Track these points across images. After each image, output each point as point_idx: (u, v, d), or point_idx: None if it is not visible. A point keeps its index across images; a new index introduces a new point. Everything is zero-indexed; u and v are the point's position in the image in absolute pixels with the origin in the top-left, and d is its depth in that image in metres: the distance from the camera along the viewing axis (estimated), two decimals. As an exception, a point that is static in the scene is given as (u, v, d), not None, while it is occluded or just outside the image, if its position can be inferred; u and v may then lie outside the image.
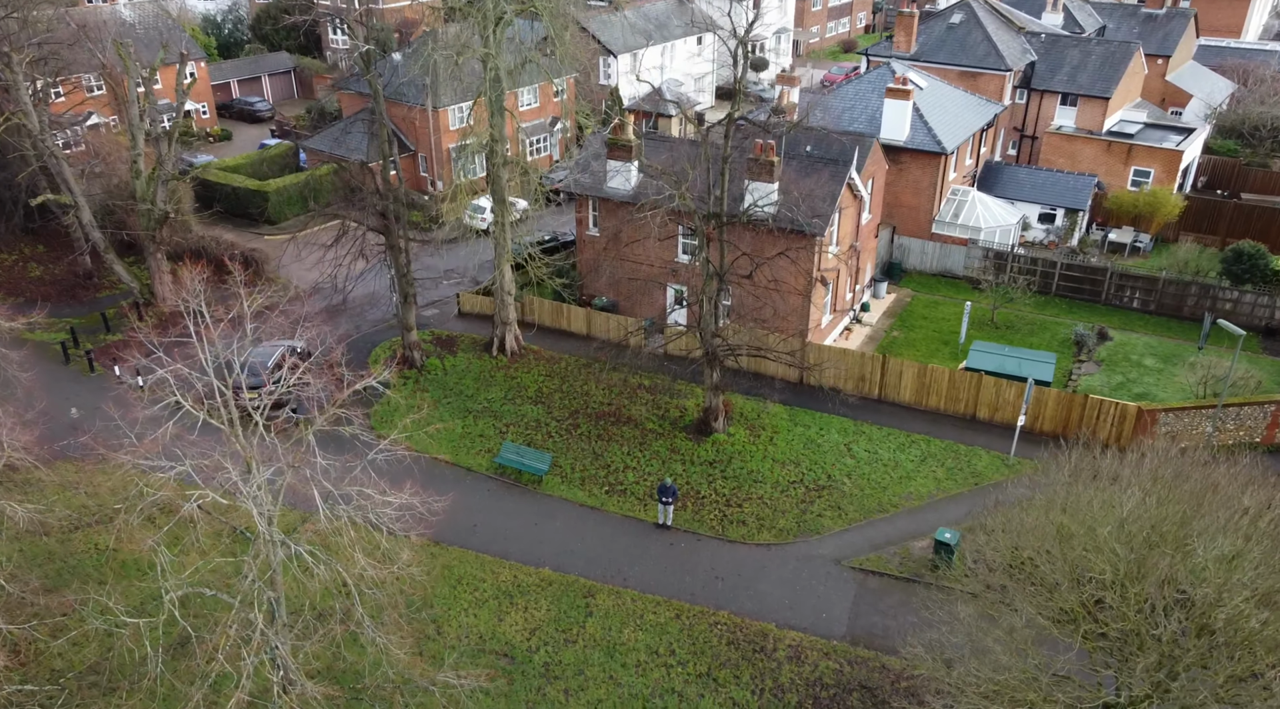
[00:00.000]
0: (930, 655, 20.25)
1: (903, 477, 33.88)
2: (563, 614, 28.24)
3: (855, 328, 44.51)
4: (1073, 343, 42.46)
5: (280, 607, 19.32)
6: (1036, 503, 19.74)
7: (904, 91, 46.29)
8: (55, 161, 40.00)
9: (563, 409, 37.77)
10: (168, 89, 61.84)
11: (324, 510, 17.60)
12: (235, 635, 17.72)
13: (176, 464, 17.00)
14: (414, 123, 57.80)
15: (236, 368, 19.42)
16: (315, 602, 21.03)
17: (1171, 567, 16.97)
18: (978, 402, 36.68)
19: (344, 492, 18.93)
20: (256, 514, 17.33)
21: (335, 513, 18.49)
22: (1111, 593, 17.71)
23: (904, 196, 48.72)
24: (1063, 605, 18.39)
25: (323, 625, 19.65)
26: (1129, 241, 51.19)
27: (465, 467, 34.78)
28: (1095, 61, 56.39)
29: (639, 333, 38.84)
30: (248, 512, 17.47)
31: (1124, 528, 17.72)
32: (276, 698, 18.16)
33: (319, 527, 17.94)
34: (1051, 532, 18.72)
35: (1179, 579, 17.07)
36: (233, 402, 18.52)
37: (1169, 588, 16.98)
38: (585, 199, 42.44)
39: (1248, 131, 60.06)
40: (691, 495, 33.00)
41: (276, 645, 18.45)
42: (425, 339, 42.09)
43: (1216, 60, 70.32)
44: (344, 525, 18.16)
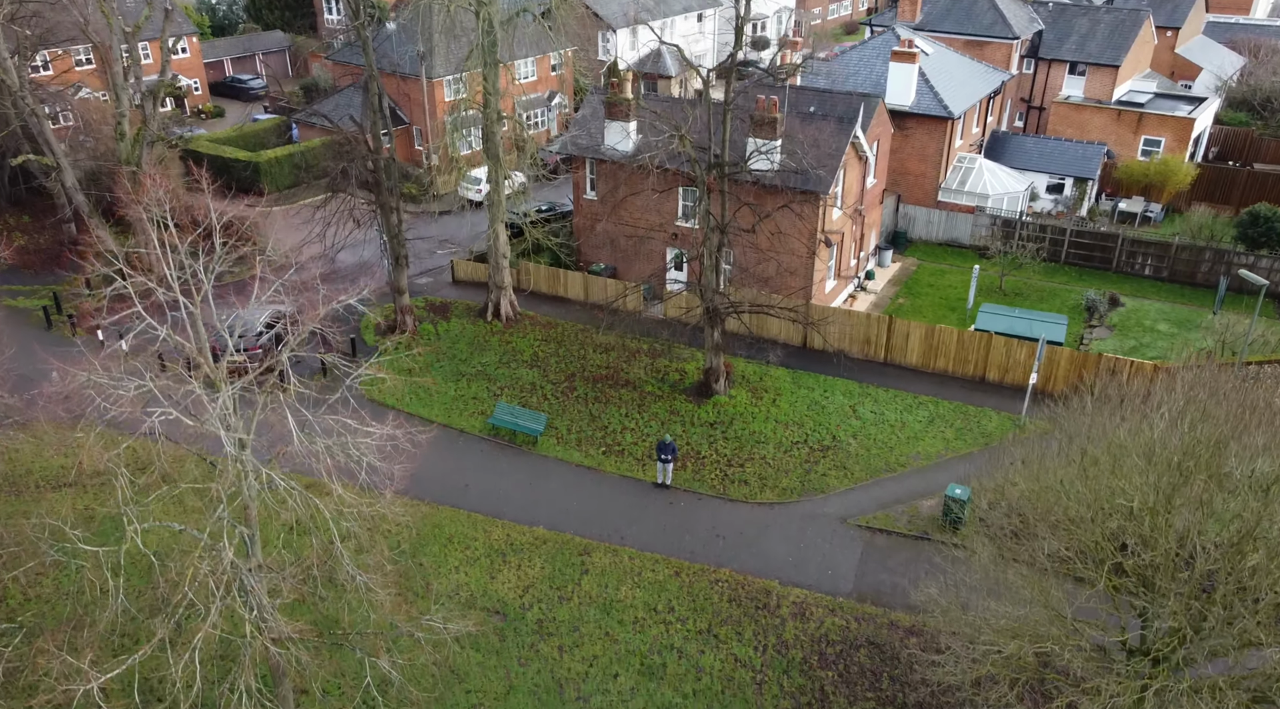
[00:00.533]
0: (945, 597, 19.08)
1: (910, 437, 32.71)
2: (557, 572, 27.09)
3: (859, 295, 43.35)
4: (1084, 309, 41.29)
5: (255, 545, 18.17)
6: (1057, 438, 18.55)
7: (909, 54, 45.14)
8: (36, 120, 38.86)
9: (559, 373, 36.62)
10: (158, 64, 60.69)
11: (299, 435, 16.44)
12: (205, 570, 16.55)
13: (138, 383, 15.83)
14: (409, 95, 56.66)
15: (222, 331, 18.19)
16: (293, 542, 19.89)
17: (1206, 491, 15.79)
18: (987, 363, 35.50)
19: (321, 420, 17.78)
20: (225, 436, 16.17)
21: (311, 441, 17.33)
22: (1138, 524, 16.55)
23: (910, 164, 47.55)
24: (1086, 539, 17.22)
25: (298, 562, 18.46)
26: (1139, 211, 49.99)
27: (458, 428, 33.63)
28: (1104, 29, 55.23)
29: (635, 292, 37.68)
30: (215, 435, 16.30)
31: (1153, 453, 16.53)
32: (250, 639, 17.00)
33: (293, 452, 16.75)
34: (1074, 462, 17.55)
35: (1213, 505, 15.89)
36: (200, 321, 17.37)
37: (1203, 514, 15.80)
38: (582, 161, 41.28)
39: (1259, 103, 58.91)
40: (692, 456, 31.84)
41: (250, 585, 17.29)
42: (418, 305, 40.97)
43: (1226, 36, 69.14)
44: (320, 452, 16.98)
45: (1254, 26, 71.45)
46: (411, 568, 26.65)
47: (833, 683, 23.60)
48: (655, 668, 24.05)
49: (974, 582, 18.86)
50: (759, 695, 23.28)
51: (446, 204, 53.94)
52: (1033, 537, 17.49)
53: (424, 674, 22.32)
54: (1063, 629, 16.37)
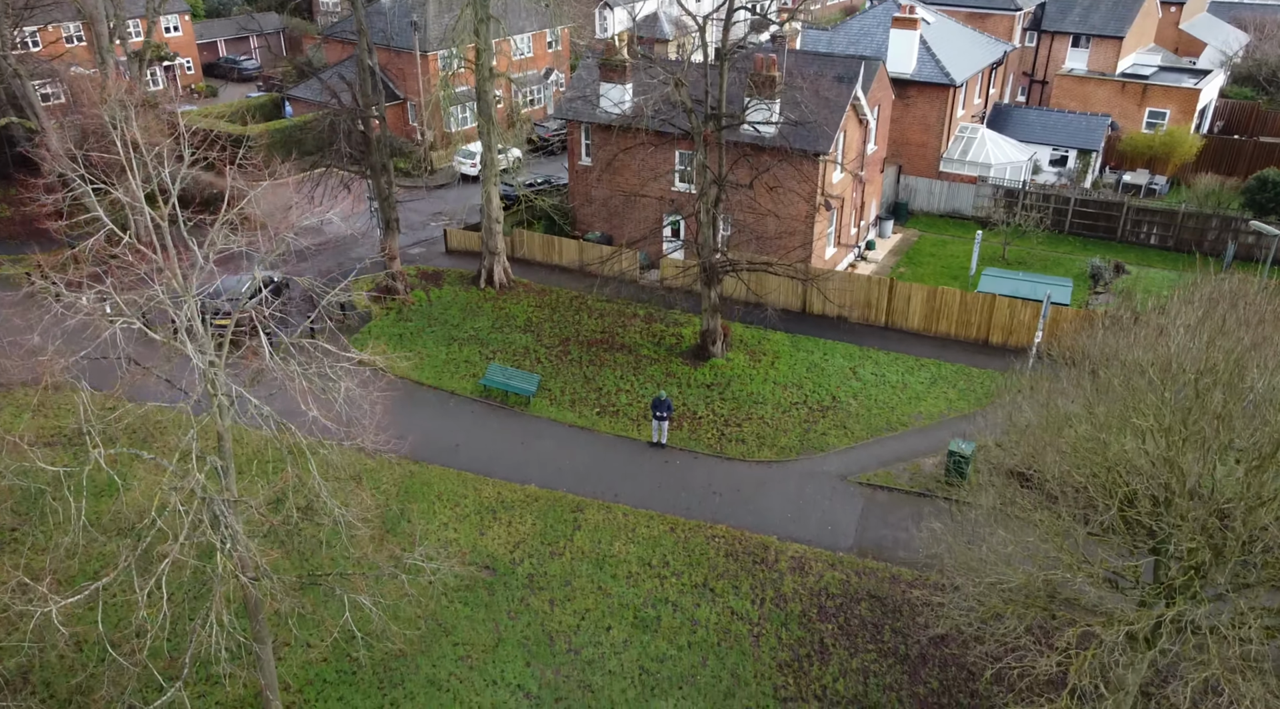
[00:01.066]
0: (951, 534, 18.25)
1: (912, 397, 31.90)
2: (549, 528, 26.27)
3: (860, 265, 42.56)
4: (1088, 276, 40.47)
5: (229, 477, 17.35)
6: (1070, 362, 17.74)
7: (911, 20, 44.40)
8: (19, 82, 38.10)
9: (553, 337, 35.81)
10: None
11: (270, 351, 15.63)
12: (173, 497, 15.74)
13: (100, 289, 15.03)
14: (402, 70, 55.94)
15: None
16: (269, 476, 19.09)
17: (1225, 406, 14.97)
18: (991, 325, 34.71)
19: (297, 343, 16.98)
20: (192, 350, 15.37)
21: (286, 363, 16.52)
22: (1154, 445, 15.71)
23: (911, 133, 46.78)
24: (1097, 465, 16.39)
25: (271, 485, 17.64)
26: (1144, 183, 49.20)
27: (449, 390, 32.82)
28: (1108, 1, 54.49)
29: (630, 256, 36.89)
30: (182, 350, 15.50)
31: (1169, 369, 15.71)
32: (222, 571, 16.18)
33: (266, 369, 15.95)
34: (1084, 385, 16.73)
35: (1232, 419, 15.06)
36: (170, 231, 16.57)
37: (1223, 427, 14.98)
38: (577, 125, 40.50)
39: (1264, 78, 58.16)
40: (688, 416, 31.03)
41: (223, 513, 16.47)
42: (410, 273, 40.17)
43: (1230, 14, 68.47)
44: (295, 373, 16.17)
45: (1258, 5, 70.75)
46: (397, 516, 25.89)
47: (832, 635, 22.78)
48: (649, 621, 23.23)
49: (980, 517, 18.01)
50: (756, 648, 22.45)
51: (441, 178, 53.24)
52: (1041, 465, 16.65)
53: (408, 619, 21.53)
54: (1074, 556, 15.55)
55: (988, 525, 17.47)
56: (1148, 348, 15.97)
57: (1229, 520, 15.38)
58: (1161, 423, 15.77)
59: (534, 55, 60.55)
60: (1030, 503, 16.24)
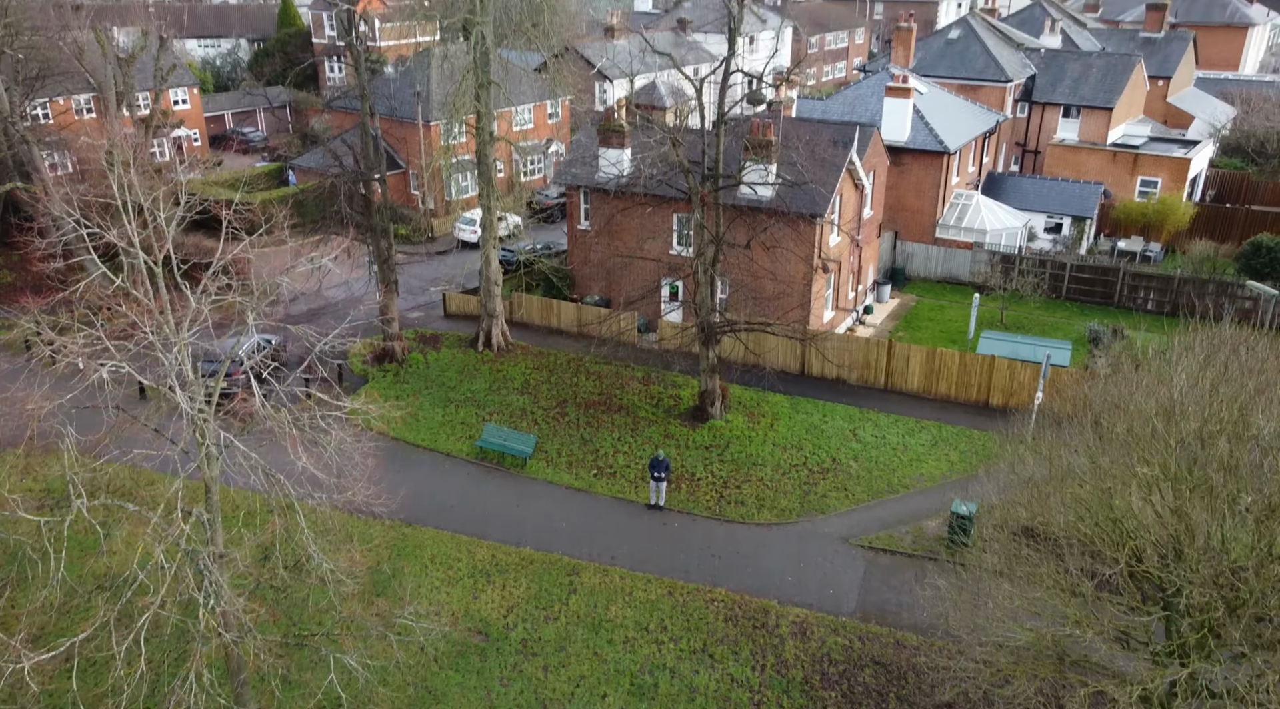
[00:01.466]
0: (955, 590, 17.74)
1: (913, 459, 31.51)
2: (543, 591, 25.64)
3: (858, 328, 42.53)
4: (1087, 340, 40.42)
5: (216, 531, 16.95)
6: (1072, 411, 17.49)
7: (904, 89, 45.26)
8: (26, 148, 38.59)
9: (550, 399, 35.56)
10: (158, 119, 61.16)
11: (259, 394, 15.39)
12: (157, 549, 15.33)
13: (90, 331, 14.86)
14: (405, 139, 56.83)
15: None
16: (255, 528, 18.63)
17: (1232, 452, 14.68)
18: (991, 387, 34.51)
19: (289, 390, 16.74)
20: (181, 396, 15.13)
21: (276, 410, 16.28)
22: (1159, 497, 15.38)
23: (907, 199, 47.27)
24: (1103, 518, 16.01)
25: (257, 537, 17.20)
26: (1138, 250, 49.50)
27: (444, 452, 32.44)
28: (1096, 73, 55.67)
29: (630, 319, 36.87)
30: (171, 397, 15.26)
31: (1172, 415, 15.46)
32: (204, 628, 15.68)
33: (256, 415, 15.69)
34: (1088, 433, 16.45)
35: (1240, 468, 14.76)
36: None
37: (1230, 476, 14.66)
38: (576, 190, 40.92)
39: (1253, 149, 59.04)
40: (686, 478, 30.60)
41: (208, 568, 16.03)
42: (409, 336, 40.10)
43: (1217, 89, 69.89)
44: (285, 421, 15.91)
45: (1244, 81, 72.27)
46: (388, 577, 25.29)
47: (835, 703, 22.02)
48: (646, 688, 22.48)
49: (985, 572, 17.53)
50: (757, 715, 21.68)
51: (441, 245, 53.65)
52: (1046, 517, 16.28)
53: (397, 684, 20.83)
54: (1082, 612, 15.06)
55: (993, 581, 16.99)
56: (1149, 394, 15.74)
57: (1241, 575, 14.96)
58: (1167, 472, 15.46)
59: (535, 125, 61.61)
60: (1036, 557, 15.81)
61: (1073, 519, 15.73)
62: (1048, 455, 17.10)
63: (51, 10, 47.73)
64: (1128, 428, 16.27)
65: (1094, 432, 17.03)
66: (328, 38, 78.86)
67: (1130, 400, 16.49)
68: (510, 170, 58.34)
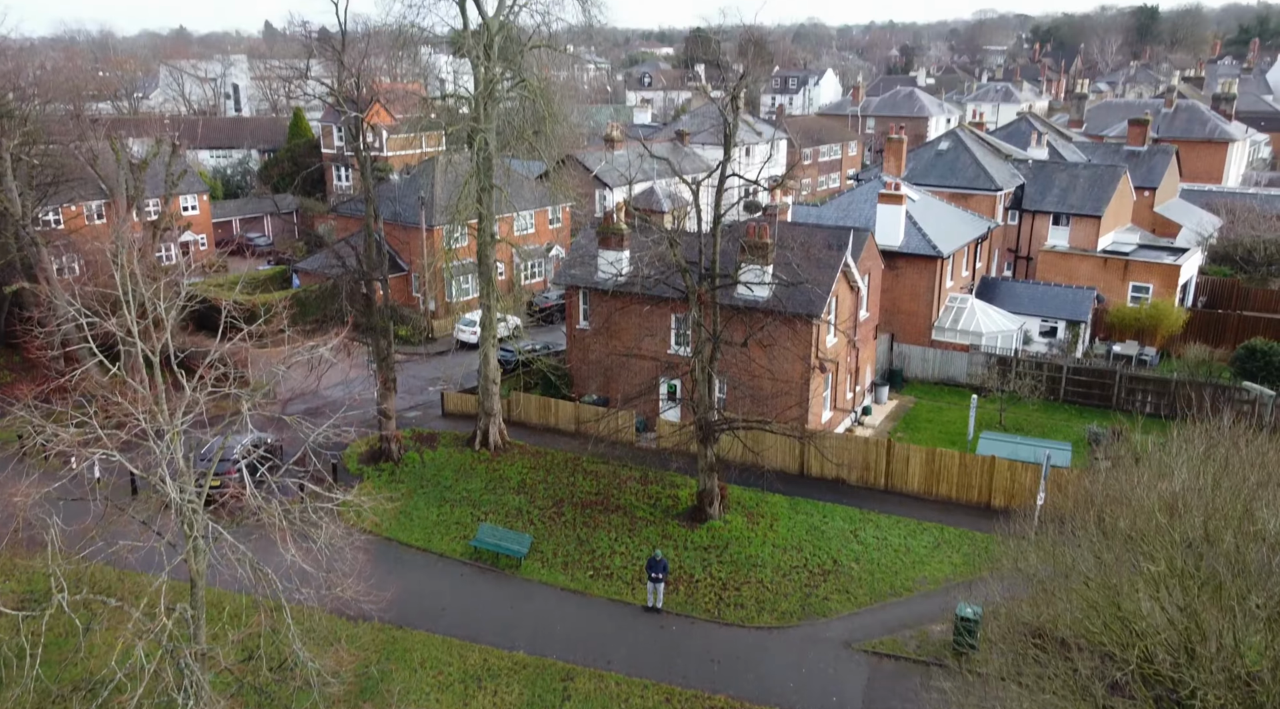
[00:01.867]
0: (961, 693, 17.14)
1: (915, 561, 30.92)
2: (537, 698, 24.76)
3: (856, 429, 42.39)
4: (1087, 441, 40.25)
5: (199, 628, 16.50)
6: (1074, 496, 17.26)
7: (896, 196, 46.34)
8: (35, 249, 39.24)
9: (546, 498, 35.15)
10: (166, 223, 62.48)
11: (249, 483, 15.20)
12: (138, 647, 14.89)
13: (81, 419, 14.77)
14: (408, 243, 57.91)
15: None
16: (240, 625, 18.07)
17: (1238, 548, 14.43)
18: (992, 488, 34.16)
19: (280, 481, 16.58)
20: (172, 486, 14.95)
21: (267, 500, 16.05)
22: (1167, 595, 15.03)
23: (902, 302, 47.81)
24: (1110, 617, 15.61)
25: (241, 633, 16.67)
26: (1134, 354, 49.79)
27: (438, 552, 31.86)
28: (1084, 183, 57.13)
29: (627, 418, 36.78)
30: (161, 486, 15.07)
31: (1176, 509, 15.25)
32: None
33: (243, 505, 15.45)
34: (1091, 527, 16.20)
35: (1247, 564, 14.47)
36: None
37: (1238, 572, 14.36)
38: (575, 290, 41.43)
39: (1241, 257, 60.07)
40: (685, 579, 29.96)
41: (190, 668, 15.53)
42: (406, 436, 39.90)
43: (1202, 200, 71.58)
44: (276, 512, 15.68)
45: (1227, 193, 74.09)
46: (376, 681, 24.43)
47: (841, 817, 20.99)
48: (642, 800, 21.47)
49: (992, 674, 16.97)
50: (758, 830, 20.63)
51: (440, 345, 53.99)
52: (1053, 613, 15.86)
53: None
54: (1091, 705, 14.51)
55: (1000, 684, 16.43)
56: (1151, 488, 15.55)
57: (1258, 678, 14.49)
58: (1174, 568, 15.15)
59: (536, 230, 62.87)
60: (1044, 658, 15.33)
61: (1080, 617, 15.32)
62: (1051, 551, 16.78)
63: (70, 122, 49.36)
64: (1131, 522, 16.02)
65: (1097, 527, 16.77)
66: (336, 147, 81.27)
67: (1132, 494, 16.28)
68: (511, 272, 59.23)
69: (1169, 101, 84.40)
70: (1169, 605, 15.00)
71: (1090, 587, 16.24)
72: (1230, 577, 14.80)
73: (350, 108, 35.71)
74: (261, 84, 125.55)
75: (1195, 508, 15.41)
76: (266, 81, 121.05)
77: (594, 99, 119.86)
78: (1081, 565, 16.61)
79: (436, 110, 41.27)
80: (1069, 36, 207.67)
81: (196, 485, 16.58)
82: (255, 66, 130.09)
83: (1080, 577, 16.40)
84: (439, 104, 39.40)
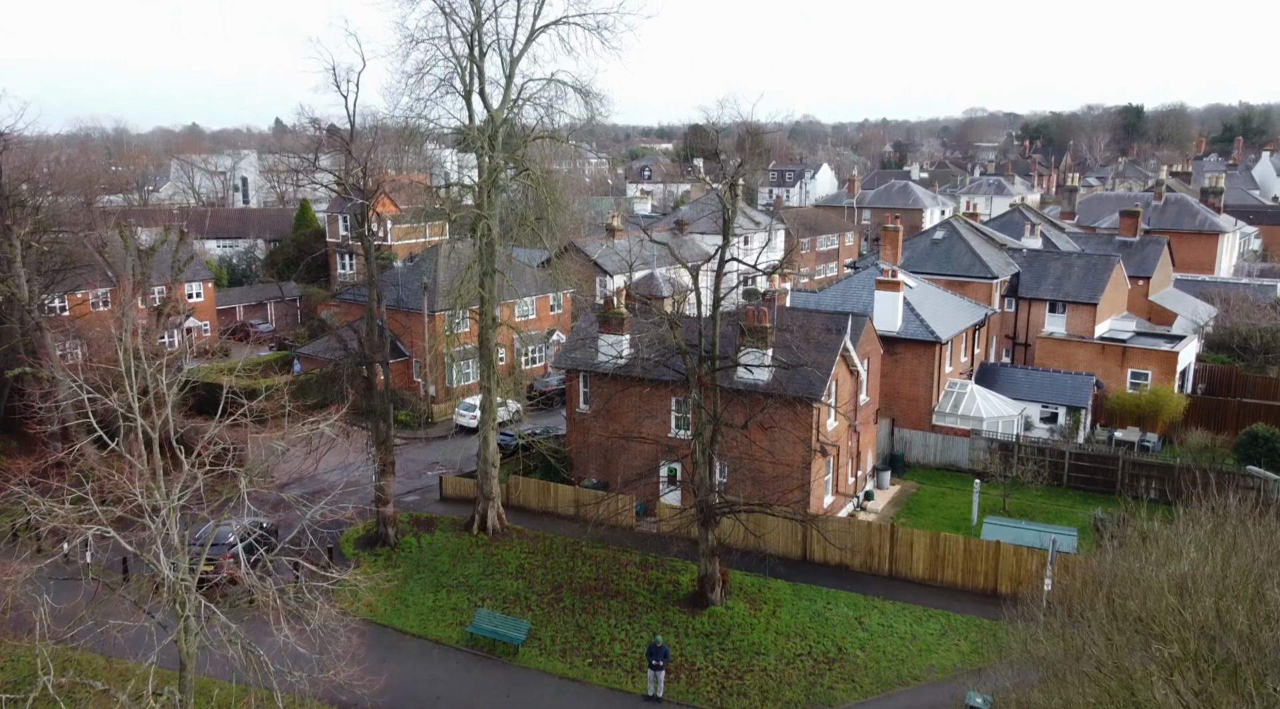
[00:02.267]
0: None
1: (922, 649, 30.21)
2: (533, 791, 23.89)
3: (859, 514, 41.94)
4: (1092, 528, 39.78)
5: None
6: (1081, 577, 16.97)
7: (894, 283, 46.92)
8: (39, 333, 39.51)
9: (545, 584, 34.55)
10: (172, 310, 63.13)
11: (244, 561, 14.98)
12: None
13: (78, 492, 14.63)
14: (410, 329, 58.33)
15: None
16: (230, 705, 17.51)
17: (1251, 626, 14.15)
18: (998, 574, 33.60)
19: (275, 558, 16.35)
20: (165, 562, 14.74)
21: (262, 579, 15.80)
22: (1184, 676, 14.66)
23: (902, 387, 47.90)
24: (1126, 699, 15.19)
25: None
26: (1135, 441, 49.65)
27: (433, 639, 31.15)
28: (1078, 272, 57.88)
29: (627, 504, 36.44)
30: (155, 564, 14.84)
31: (1186, 589, 15.01)
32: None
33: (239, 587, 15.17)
34: (1100, 608, 15.90)
35: (1263, 646, 14.18)
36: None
37: (1254, 651, 14.05)
38: (575, 374, 41.56)
39: (1237, 345, 60.43)
40: (686, 667, 29.22)
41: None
42: (403, 520, 39.47)
43: (1196, 289, 72.41)
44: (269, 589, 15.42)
45: (1220, 283, 75.03)
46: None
47: None
48: None
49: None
50: None
51: (440, 430, 53.86)
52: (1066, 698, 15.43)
53: None
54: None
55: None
56: (1160, 567, 15.32)
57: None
58: (1187, 651, 14.81)
59: (537, 316, 63.39)
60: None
61: (1093, 703, 14.91)
62: (1061, 634, 16.42)
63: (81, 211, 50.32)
64: (1141, 603, 15.72)
65: (1107, 608, 16.45)
66: (340, 236, 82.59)
67: (1141, 574, 16.03)
68: (511, 357, 59.48)
69: (1158, 195, 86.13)
70: (1184, 691, 14.61)
71: (1103, 671, 15.85)
72: (1245, 660, 14.47)
73: (357, 194, 36.49)
74: (270, 177, 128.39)
75: (1206, 588, 15.15)
76: (275, 174, 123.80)
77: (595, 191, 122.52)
78: (1092, 649, 16.25)
79: (440, 200, 42.17)
80: (1057, 134, 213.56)
81: (190, 565, 16.35)
82: (264, 160, 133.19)
83: (1092, 660, 16.02)
84: (443, 193, 40.26)
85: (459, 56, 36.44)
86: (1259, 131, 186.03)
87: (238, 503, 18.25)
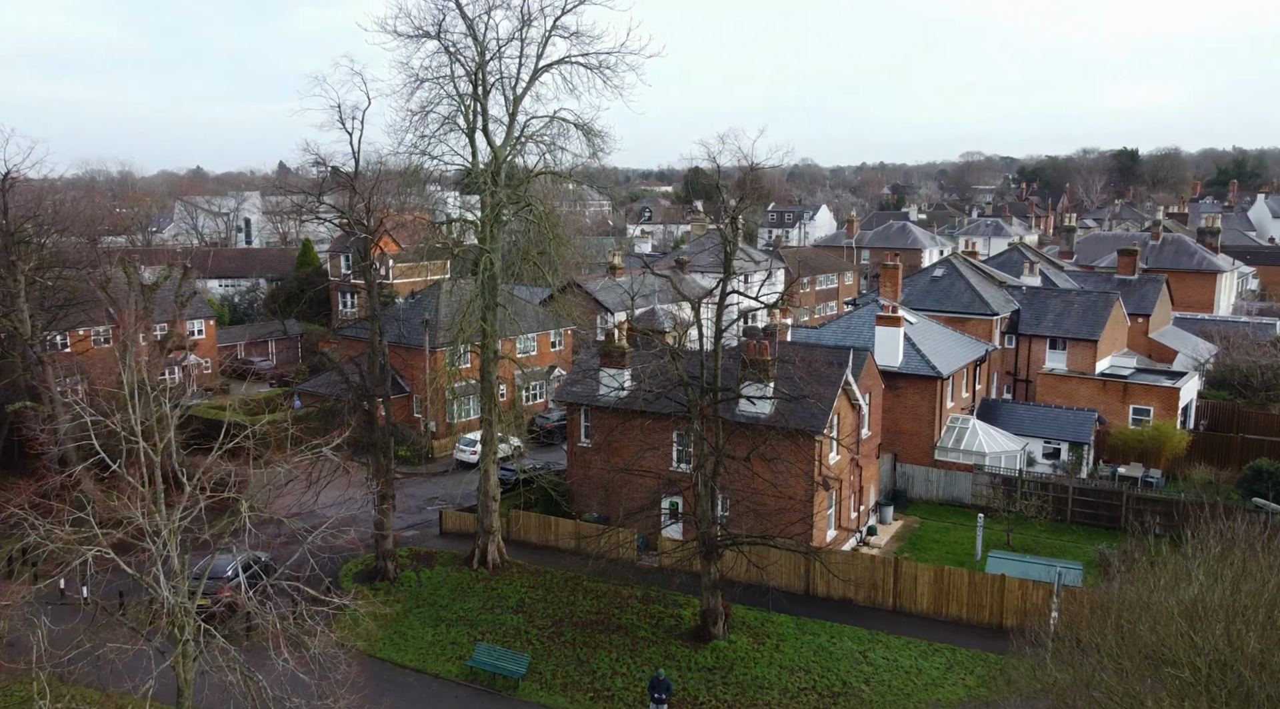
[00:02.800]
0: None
1: (928, 683, 29.81)
2: (533, 828, 23.42)
3: (862, 550, 41.61)
4: (1097, 563, 39.46)
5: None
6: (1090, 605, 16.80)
7: (894, 319, 47.05)
8: (40, 368, 39.54)
9: (546, 618, 34.18)
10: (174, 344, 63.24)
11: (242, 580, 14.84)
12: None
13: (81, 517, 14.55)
14: (411, 365, 58.35)
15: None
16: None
17: (1263, 649, 14.00)
18: (1003, 608, 33.27)
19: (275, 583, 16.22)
20: (165, 585, 14.61)
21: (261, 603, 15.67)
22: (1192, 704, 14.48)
23: (904, 423, 47.80)
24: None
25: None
26: (1139, 476, 49.41)
27: (432, 673, 30.74)
28: (1078, 309, 58.07)
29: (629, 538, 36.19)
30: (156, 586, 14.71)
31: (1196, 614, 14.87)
32: None
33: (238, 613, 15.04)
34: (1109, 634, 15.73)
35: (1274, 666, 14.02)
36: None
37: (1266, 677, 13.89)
38: (576, 408, 41.50)
39: (1238, 381, 60.43)
40: (689, 701, 28.81)
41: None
42: (403, 555, 39.15)
43: (1195, 327, 72.55)
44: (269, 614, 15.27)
45: (1219, 321, 75.22)
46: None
47: None
48: None
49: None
50: None
51: (440, 466, 53.65)
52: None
53: None
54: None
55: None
56: (1169, 591, 15.18)
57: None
58: (1199, 676, 14.63)
59: (539, 353, 63.46)
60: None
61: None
62: (1070, 660, 16.23)
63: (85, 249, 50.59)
64: (1151, 628, 15.55)
65: (1116, 635, 16.27)
66: (342, 274, 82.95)
67: (1150, 599, 15.88)
68: (512, 392, 59.43)
69: (1156, 235, 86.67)
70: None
71: (1113, 698, 15.64)
72: (1258, 685, 14.29)
73: (360, 229, 36.74)
74: (273, 217, 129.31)
75: (1216, 613, 15.01)
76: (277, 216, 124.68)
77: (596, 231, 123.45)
78: (1102, 675, 16.05)
79: (443, 236, 42.45)
80: (1054, 177, 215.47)
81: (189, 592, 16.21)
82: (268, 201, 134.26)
83: (1102, 687, 15.82)
84: (445, 229, 40.53)
85: (463, 95, 36.92)
86: (1253, 175, 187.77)
87: (239, 528, 18.13)
